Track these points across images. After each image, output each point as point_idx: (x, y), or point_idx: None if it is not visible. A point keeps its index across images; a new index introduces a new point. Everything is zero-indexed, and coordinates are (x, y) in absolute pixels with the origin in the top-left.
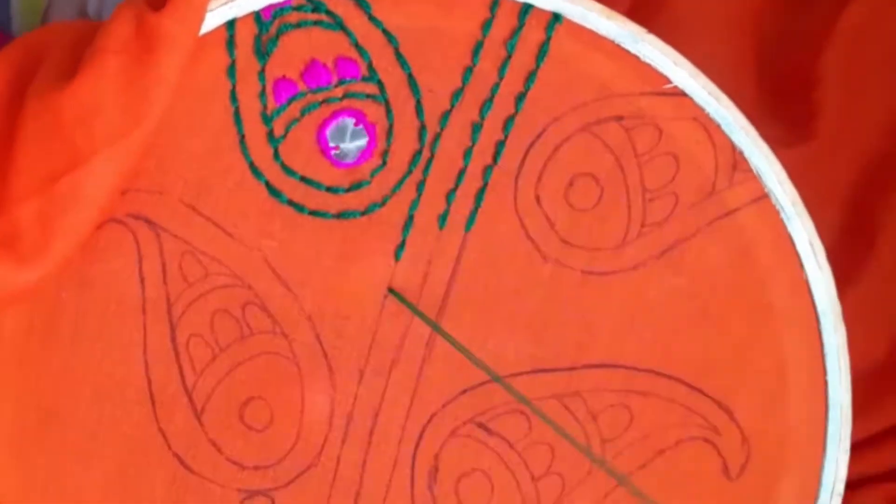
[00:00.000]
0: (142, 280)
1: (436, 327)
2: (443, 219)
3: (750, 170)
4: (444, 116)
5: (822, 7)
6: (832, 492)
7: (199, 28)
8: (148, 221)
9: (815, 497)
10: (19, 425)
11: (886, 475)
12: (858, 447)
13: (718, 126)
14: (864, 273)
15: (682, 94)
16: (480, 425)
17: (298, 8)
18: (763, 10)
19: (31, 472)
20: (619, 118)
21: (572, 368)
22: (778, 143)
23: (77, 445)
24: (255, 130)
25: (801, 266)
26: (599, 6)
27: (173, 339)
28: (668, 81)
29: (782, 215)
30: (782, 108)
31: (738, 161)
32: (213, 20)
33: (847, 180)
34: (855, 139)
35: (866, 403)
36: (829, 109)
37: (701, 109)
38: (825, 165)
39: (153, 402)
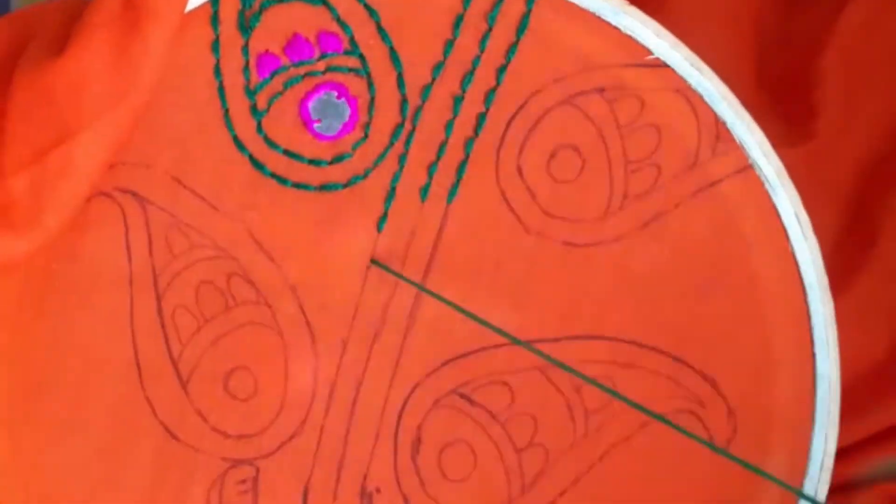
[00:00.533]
0: (128, 252)
1: (423, 289)
2: (425, 191)
3: (733, 140)
4: (426, 89)
5: (822, 7)
6: (821, 466)
7: (185, 3)
8: (134, 194)
9: (804, 471)
10: (9, 396)
11: (887, 475)
12: (859, 447)
13: (701, 97)
14: (865, 272)
15: (664, 65)
16: (463, 396)
17: None
18: (763, 10)
19: (19, 441)
20: (601, 90)
21: (556, 340)
22: (778, 143)
23: (65, 415)
24: (238, 104)
25: (787, 237)
26: None
27: (159, 311)
28: (650, 53)
29: (766, 186)
30: (782, 108)
31: (721, 132)
32: None
33: (847, 180)
34: (855, 139)
35: (866, 403)
36: (829, 109)
37: (683, 80)
38: (825, 165)
39: (140, 372)
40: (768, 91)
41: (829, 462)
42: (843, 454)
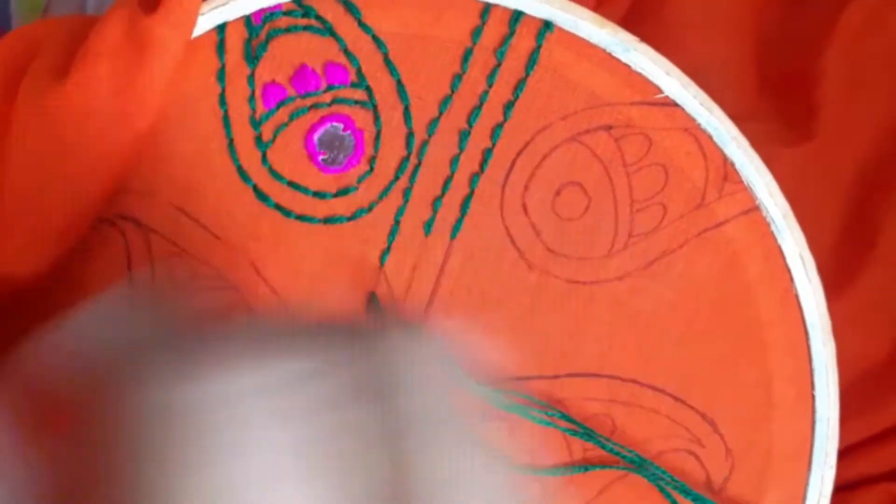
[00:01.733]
0: (131, 281)
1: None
2: (428, 225)
3: (740, 181)
4: (433, 123)
5: (822, 7)
6: None
7: (190, 32)
8: (137, 223)
9: None
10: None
11: (887, 475)
12: (859, 447)
13: (710, 137)
14: (865, 273)
15: (673, 104)
16: None
17: (289, 13)
18: (763, 10)
19: None
20: (609, 127)
21: (556, 376)
22: (778, 143)
23: None
24: (243, 134)
25: (791, 279)
26: (591, 14)
27: None
28: (659, 91)
29: (772, 227)
30: (782, 108)
31: (728, 172)
32: (203, 23)
33: (847, 180)
34: (855, 139)
35: (867, 403)
36: (829, 109)
37: (692, 120)
38: (825, 165)
39: None
40: (768, 91)
41: (825, 503)
42: (843, 454)
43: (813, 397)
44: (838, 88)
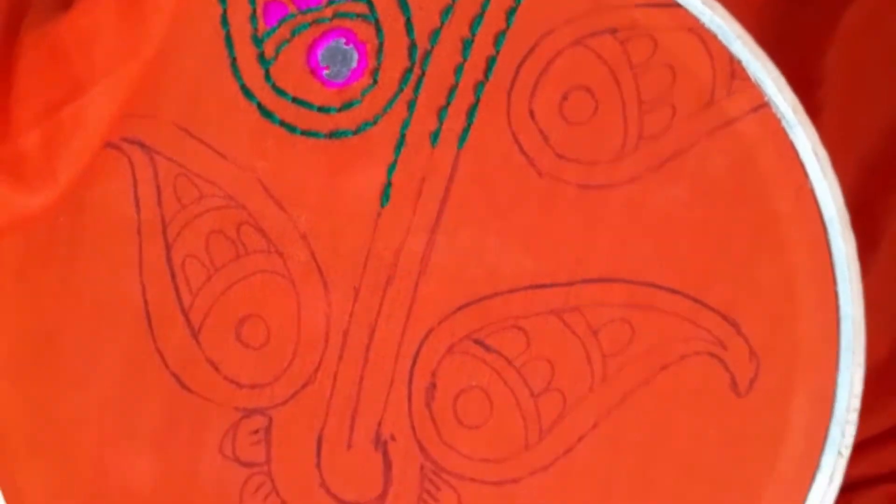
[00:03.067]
0: (137, 203)
1: None
2: (435, 136)
3: (748, 78)
4: (435, 34)
5: (823, 7)
6: (847, 406)
7: None
8: (142, 145)
9: (830, 413)
10: (18, 347)
11: (888, 475)
12: (860, 447)
13: (714, 36)
14: (867, 273)
15: (676, 4)
16: (478, 341)
17: None
18: (763, 10)
19: (29, 391)
20: (613, 30)
21: (571, 283)
22: None
23: (75, 365)
24: (246, 53)
25: (806, 174)
26: None
27: (169, 260)
28: None
29: (783, 123)
30: None
31: (735, 70)
32: None
33: (849, 179)
34: (857, 139)
35: (867, 404)
36: (830, 109)
37: (696, 19)
38: None
39: (150, 322)
40: None
41: (856, 403)
42: None
43: (836, 294)
44: (839, 89)
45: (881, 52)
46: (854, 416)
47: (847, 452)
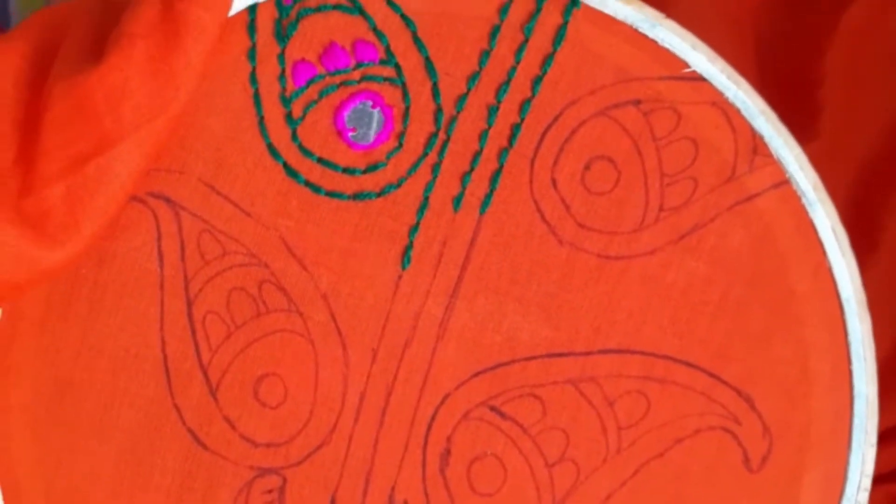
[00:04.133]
0: (160, 257)
1: None
2: (458, 201)
3: (770, 155)
4: (461, 99)
5: (823, 7)
6: (858, 486)
7: (225, 15)
8: (167, 200)
9: (841, 491)
10: (36, 396)
11: (888, 475)
12: None
13: (738, 111)
14: (867, 273)
15: (701, 78)
16: (493, 408)
17: None
18: (764, 11)
19: (46, 442)
20: (637, 102)
21: (588, 353)
22: None
23: (92, 417)
24: (273, 112)
25: (824, 253)
26: None
27: (190, 316)
28: (687, 66)
29: (804, 201)
30: (784, 109)
31: (758, 146)
32: (234, 4)
33: (849, 180)
34: (857, 139)
35: None
36: (831, 109)
37: (720, 94)
38: (827, 165)
39: (168, 378)
40: (769, 92)
41: (867, 482)
42: None
43: (850, 373)
44: (840, 89)
45: (881, 52)
46: (865, 497)
47: None
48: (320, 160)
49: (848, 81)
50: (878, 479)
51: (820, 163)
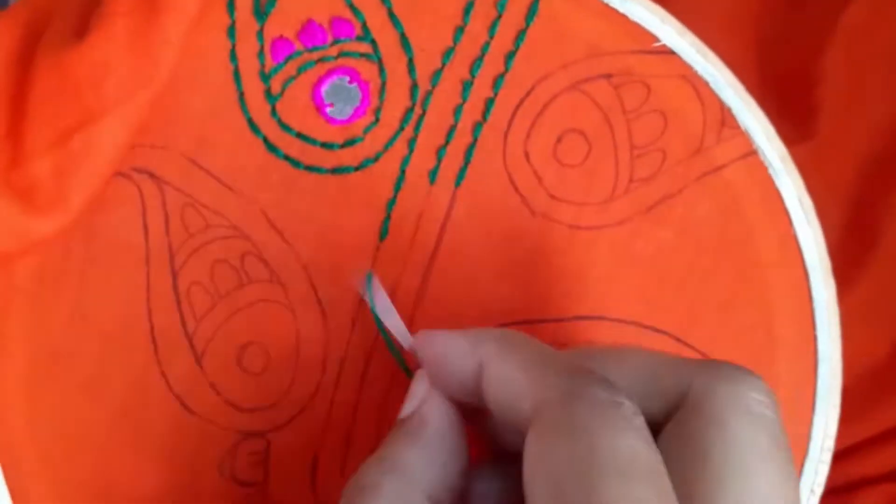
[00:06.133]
0: (146, 231)
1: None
2: (433, 174)
3: (738, 126)
4: (436, 74)
5: (823, 6)
6: (821, 447)
7: None
8: (151, 175)
9: (805, 452)
10: (30, 366)
11: (887, 475)
12: (859, 447)
13: (706, 83)
14: (866, 272)
15: (670, 52)
16: None
17: None
18: (763, 10)
19: (39, 409)
20: (608, 76)
21: (560, 320)
22: None
23: (83, 385)
24: (253, 88)
25: (790, 222)
26: None
27: (175, 287)
28: (657, 40)
29: (770, 171)
30: (783, 107)
31: (726, 118)
32: None
33: (848, 179)
34: (856, 138)
35: (867, 404)
36: (830, 108)
37: (689, 67)
38: (826, 164)
39: (155, 346)
40: (768, 90)
41: (830, 444)
42: (844, 454)
43: (815, 338)
44: (839, 88)
45: (880, 52)
46: (827, 457)
47: (819, 490)
48: (299, 135)
49: (847, 81)
50: (878, 479)
51: (818, 162)
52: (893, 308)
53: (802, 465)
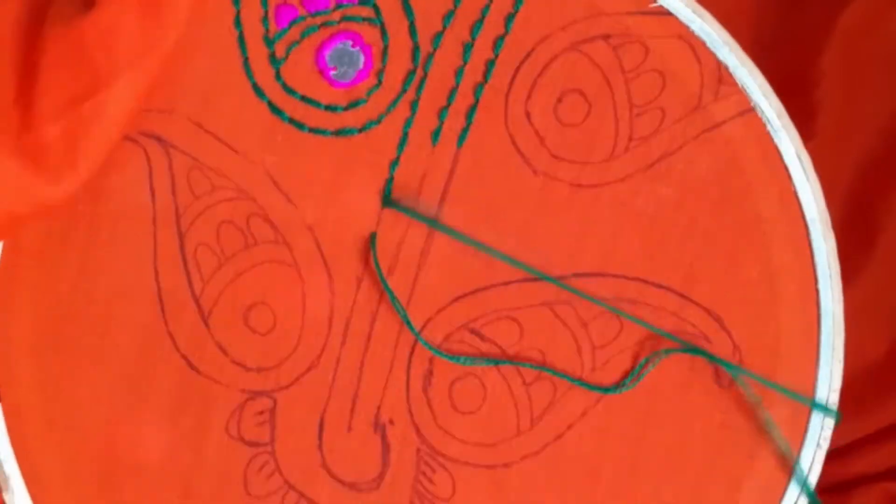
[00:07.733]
0: (152, 193)
1: (436, 224)
2: (436, 135)
3: (735, 84)
4: (437, 37)
5: (821, 7)
6: (826, 401)
7: None
8: (158, 139)
9: (809, 406)
10: (36, 328)
11: (886, 474)
12: (859, 446)
13: (703, 43)
14: (865, 272)
15: (667, 12)
16: (473, 331)
17: None
18: (762, 10)
19: (46, 368)
20: (607, 36)
21: (563, 277)
22: None
23: (90, 344)
24: (257, 53)
25: (790, 177)
26: None
27: (182, 249)
28: (654, 0)
29: (768, 127)
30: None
31: (723, 76)
32: None
33: (847, 179)
34: (854, 139)
35: (866, 402)
36: (828, 109)
37: (685, 27)
38: (825, 165)
39: (162, 306)
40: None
41: (835, 398)
42: (842, 453)
43: (817, 292)
44: (837, 88)
45: (879, 52)
46: (832, 412)
47: (826, 444)
48: (303, 98)
49: (845, 81)
50: (878, 478)
51: (818, 161)
52: (892, 307)
53: (807, 422)
